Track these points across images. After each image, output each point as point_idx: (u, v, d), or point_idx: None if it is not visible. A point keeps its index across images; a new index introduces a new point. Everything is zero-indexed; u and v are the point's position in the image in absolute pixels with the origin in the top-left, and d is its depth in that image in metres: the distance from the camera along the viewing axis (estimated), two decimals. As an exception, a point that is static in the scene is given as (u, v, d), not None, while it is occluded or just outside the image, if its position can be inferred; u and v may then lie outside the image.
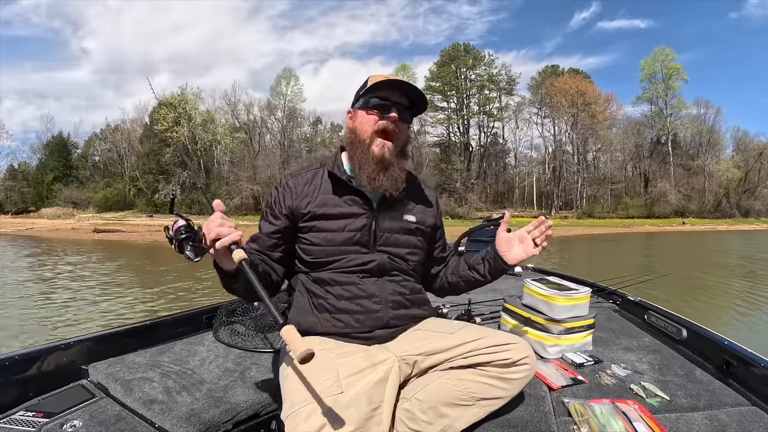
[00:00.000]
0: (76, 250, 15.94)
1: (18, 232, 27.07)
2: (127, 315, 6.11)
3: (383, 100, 1.22)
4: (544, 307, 1.72)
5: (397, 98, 1.23)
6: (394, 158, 1.22)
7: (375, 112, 1.22)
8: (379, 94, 1.22)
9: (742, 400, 1.31)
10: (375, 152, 1.21)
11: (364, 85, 1.27)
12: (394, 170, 1.22)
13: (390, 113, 1.21)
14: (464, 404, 1.11)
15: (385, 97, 1.22)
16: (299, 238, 1.25)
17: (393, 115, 1.21)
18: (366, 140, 1.22)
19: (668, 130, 45.83)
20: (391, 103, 1.22)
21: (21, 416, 1.21)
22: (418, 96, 1.25)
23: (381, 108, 1.22)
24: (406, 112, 1.25)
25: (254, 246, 1.24)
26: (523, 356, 1.13)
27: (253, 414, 1.29)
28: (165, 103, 39.05)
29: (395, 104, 1.22)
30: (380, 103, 1.22)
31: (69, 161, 46.82)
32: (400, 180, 1.24)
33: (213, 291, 7.82)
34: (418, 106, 1.29)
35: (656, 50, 46.48)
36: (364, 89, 1.24)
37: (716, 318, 6.09)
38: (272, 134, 46.00)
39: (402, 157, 1.26)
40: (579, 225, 36.19)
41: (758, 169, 46.35)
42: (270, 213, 1.26)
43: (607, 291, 2.55)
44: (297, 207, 1.23)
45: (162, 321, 1.89)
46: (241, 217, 35.13)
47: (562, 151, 46.16)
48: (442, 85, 46.82)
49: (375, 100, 1.22)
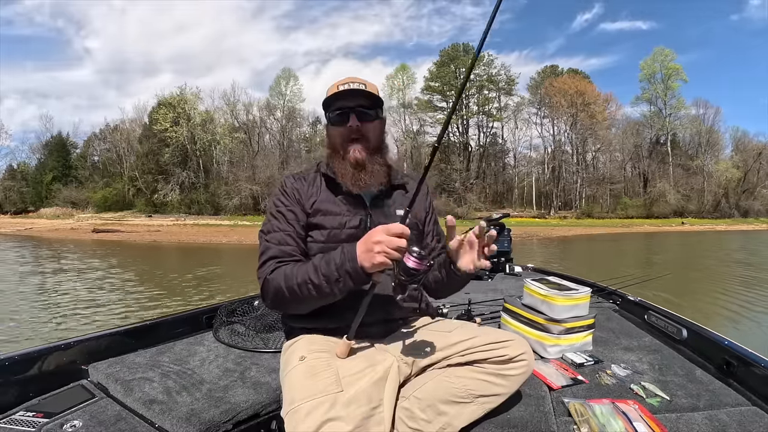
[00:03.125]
0: (75, 250, 15.93)
1: (17, 232, 27.04)
2: (127, 315, 6.10)
3: (341, 111, 1.26)
4: (544, 307, 1.72)
5: (355, 102, 1.25)
6: (367, 157, 1.26)
7: (338, 124, 1.26)
8: (336, 106, 1.26)
9: (742, 400, 1.31)
10: (349, 158, 1.25)
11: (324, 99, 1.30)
12: (372, 167, 1.26)
13: (349, 122, 1.25)
14: (463, 401, 1.11)
15: (341, 107, 1.25)
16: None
17: (352, 124, 1.25)
18: (339, 152, 1.27)
19: (667, 130, 45.88)
20: (349, 109, 1.25)
21: (21, 416, 1.21)
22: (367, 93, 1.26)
23: (341, 119, 1.26)
24: (368, 111, 1.28)
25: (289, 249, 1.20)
26: (520, 353, 1.13)
27: (253, 414, 1.29)
28: (164, 103, 39.06)
29: (352, 109, 1.25)
30: (338, 115, 1.26)
31: (68, 161, 46.78)
32: (382, 173, 1.28)
33: (213, 291, 7.83)
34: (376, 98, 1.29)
35: (655, 50, 46.58)
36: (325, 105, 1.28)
37: (716, 318, 6.10)
38: (271, 134, 45.98)
39: (377, 153, 1.29)
40: (578, 225, 36.24)
41: (757, 169, 46.42)
42: (287, 211, 1.25)
43: (607, 291, 2.55)
44: (304, 206, 1.25)
45: (162, 321, 1.89)
46: (241, 217, 35.17)
47: (561, 151, 46.18)
48: (441, 85, 46.81)
49: (334, 113, 1.27)
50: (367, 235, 1.05)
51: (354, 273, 1.04)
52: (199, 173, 40.41)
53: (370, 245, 1.01)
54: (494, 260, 3.46)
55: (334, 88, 1.25)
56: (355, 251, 1.05)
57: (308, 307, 1.14)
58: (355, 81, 1.26)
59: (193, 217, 35.66)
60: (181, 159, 39.98)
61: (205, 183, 40.17)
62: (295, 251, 1.20)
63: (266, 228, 1.24)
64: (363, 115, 1.26)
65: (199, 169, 40.46)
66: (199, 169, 40.50)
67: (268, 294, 1.15)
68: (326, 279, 1.06)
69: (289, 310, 1.21)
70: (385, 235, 1.00)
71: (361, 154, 1.24)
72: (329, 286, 1.06)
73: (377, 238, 1.00)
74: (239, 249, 18.01)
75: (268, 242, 1.21)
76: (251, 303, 2.17)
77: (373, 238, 1.01)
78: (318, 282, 1.07)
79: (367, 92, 1.24)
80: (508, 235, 3.54)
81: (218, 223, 32.63)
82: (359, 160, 1.24)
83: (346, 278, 1.05)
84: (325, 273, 1.06)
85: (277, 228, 1.23)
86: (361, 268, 1.03)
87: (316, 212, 1.24)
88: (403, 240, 0.99)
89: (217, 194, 38.67)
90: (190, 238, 22.62)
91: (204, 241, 21.36)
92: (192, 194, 39.24)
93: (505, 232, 3.49)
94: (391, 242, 0.99)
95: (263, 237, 1.23)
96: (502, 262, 3.46)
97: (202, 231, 26.83)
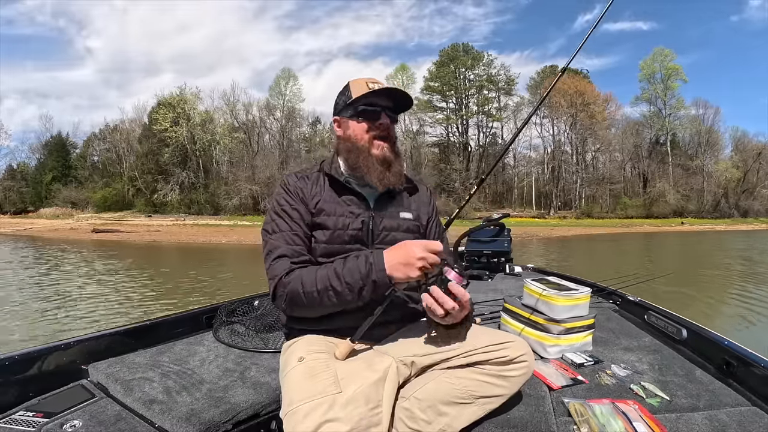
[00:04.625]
0: (75, 250, 15.92)
1: (17, 232, 27.03)
2: (127, 315, 6.10)
3: (372, 107, 1.26)
4: (544, 307, 1.72)
5: (385, 102, 1.27)
6: (393, 156, 1.28)
7: (366, 120, 1.27)
8: (366, 101, 1.26)
9: (742, 400, 1.31)
10: (377, 154, 1.25)
11: (346, 93, 1.29)
12: (396, 167, 1.28)
13: (380, 119, 1.26)
14: (463, 402, 1.11)
15: (373, 104, 1.26)
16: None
17: (383, 121, 1.26)
18: (365, 146, 1.26)
19: (667, 130, 45.90)
20: (380, 108, 1.26)
21: (21, 416, 1.20)
22: (403, 96, 1.29)
23: (371, 115, 1.26)
24: (393, 114, 1.30)
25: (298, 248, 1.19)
26: (520, 354, 1.14)
27: (253, 414, 1.29)
28: (164, 103, 39.05)
29: (383, 109, 1.27)
30: (370, 110, 1.26)
31: (68, 161, 46.78)
32: (402, 174, 1.31)
33: (212, 290, 7.83)
34: (401, 106, 1.32)
35: (655, 50, 46.63)
36: (351, 99, 1.26)
37: (716, 318, 6.10)
38: (271, 134, 45.98)
39: (398, 156, 1.31)
40: (578, 225, 36.24)
41: (757, 169, 46.44)
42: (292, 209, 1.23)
43: (607, 291, 2.55)
44: (308, 204, 1.25)
45: (162, 321, 1.89)
46: (240, 217, 35.15)
47: (561, 152, 46.21)
48: (441, 85, 46.86)
49: (363, 107, 1.26)
50: (402, 248, 1.07)
51: (382, 283, 1.05)
52: (199, 173, 40.41)
53: (412, 260, 1.04)
54: (494, 260, 3.46)
55: (364, 85, 1.25)
56: (383, 261, 1.06)
57: (325, 311, 1.14)
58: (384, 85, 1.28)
59: (193, 217, 35.65)
60: (181, 159, 39.98)
61: (205, 183, 40.17)
62: (304, 251, 1.19)
63: (270, 227, 1.22)
64: (391, 117, 1.29)
65: (198, 169, 40.46)
66: (199, 169, 40.50)
67: (283, 297, 1.13)
68: (349, 287, 1.07)
69: (302, 314, 1.18)
70: (426, 251, 1.04)
71: (389, 153, 1.26)
72: (352, 294, 1.07)
73: (420, 254, 1.03)
74: (239, 249, 18.01)
75: (275, 241, 1.19)
76: (251, 303, 2.17)
77: (415, 253, 1.04)
78: (341, 290, 1.07)
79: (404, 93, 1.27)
80: (508, 236, 3.54)
81: (218, 223, 32.61)
82: (387, 158, 1.26)
83: (371, 288, 1.06)
84: (349, 281, 1.07)
85: (283, 227, 1.21)
86: (389, 278, 1.05)
87: (319, 212, 1.24)
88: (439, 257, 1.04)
89: (217, 194, 38.66)
90: (190, 238, 22.61)
91: (204, 241, 21.35)
92: (192, 194, 39.23)
93: (505, 232, 3.49)
94: (432, 259, 1.04)
95: (268, 236, 1.21)
96: (502, 262, 3.46)
97: (201, 231, 26.82)
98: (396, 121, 1.31)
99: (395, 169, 1.27)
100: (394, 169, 1.27)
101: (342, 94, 1.31)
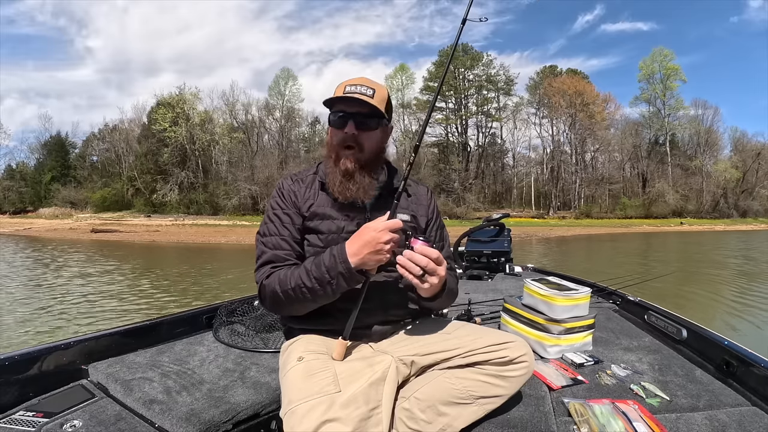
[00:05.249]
0: (74, 250, 15.90)
1: (16, 232, 27.00)
2: (127, 315, 6.10)
3: (339, 114, 1.21)
4: (544, 307, 1.72)
5: (356, 108, 1.19)
6: (357, 168, 1.20)
7: (335, 127, 1.23)
8: (336, 108, 1.22)
9: (742, 401, 1.31)
10: (340, 166, 1.20)
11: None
12: (362, 179, 1.20)
13: (345, 128, 1.19)
14: (463, 403, 1.11)
15: (341, 110, 1.21)
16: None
17: (348, 130, 1.19)
18: (332, 156, 1.23)
19: (666, 130, 46.00)
20: (348, 115, 1.19)
21: (21, 416, 1.20)
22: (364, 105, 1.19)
23: (338, 122, 1.21)
24: (370, 119, 1.21)
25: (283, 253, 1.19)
26: (520, 354, 1.13)
27: (253, 414, 1.29)
28: (163, 103, 39.01)
29: (352, 115, 1.19)
30: (337, 118, 1.22)
31: (67, 161, 46.77)
32: (370, 188, 1.22)
33: (211, 290, 7.82)
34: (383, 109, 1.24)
35: (654, 51, 46.72)
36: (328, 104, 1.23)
37: (716, 318, 6.10)
38: (270, 134, 45.99)
39: (371, 166, 1.23)
40: (577, 225, 36.29)
41: (756, 170, 46.51)
42: (283, 214, 1.23)
43: (607, 291, 2.55)
44: (301, 208, 1.24)
45: (162, 321, 1.88)
46: (239, 217, 35.14)
47: (560, 152, 46.28)
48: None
49: (333, 115, 1.23)
50: (364, 234, 1.06)
51: (348, 274, 1.06)
52: (198, 173, 40.39)
53: (379, 246, 1.04)
54: (494, 260, 3.46)
55: (340, 89, 1.20)
56: (345, 252, 1.06)
57: (306, 308, 1.15)
58: (363, 84, 1.19)
59: (192, 217, 35.64)
60: (180, 159, 39.95)
61: (204, 183, 40.15)
62: (289, 255, 1.20)
63: (263, 230, 1.25)
64: (361, 123, 1.20)
65: (197, 169, 40.44)
66: (198, 169, 40.48)
67: (266, 298, 1.17)
68: (318, 282, 1.08)
69: (289, 313, 1.21)
70: (390, 233, 1.04)
71: (351, 164, 1.19)
72: (322, 288, 1.08)
73: (386, 237, 1.04)
74: (238, 249, 18.00)
75: (264, 245, 1.22)
76: (251, 303, 2.17)
77: (380, 238, 1.04)
78: (311, 285, 1.08)
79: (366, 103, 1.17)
80: (508, 236, 3.54)
81: (217, 223, 32.62)
82: (348, 170, 1.19)
83: (339, 279, 1.07)
84: (316, 276, 1.08)
85: (272, 232, 1.23)
86: (358, 267, 1.06)
87: (312, 216, 1.23)
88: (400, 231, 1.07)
89: (216, 194, 38.65)
90: (189, 238, 22.61)
91: (203, 241, 21.35)
92: (191, 194, 39.20)
93: (505, 232, 3.49)
94: (396, 237, 1.05)
95: (260, 240, 1.24)
96: (502, 262, 3.46)
97: (200, 231, 26.82)
98: (374, 127, 1.22)
99: (359, 182, 1.20)
100: (357, 182, 1.20)
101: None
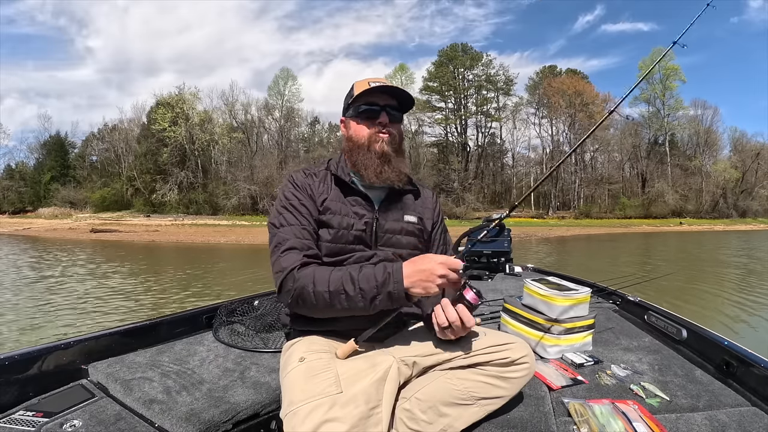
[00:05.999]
0: (73, 250, 15.88)
1: (15, 231, 26.97)
2: (126, 315, 6.09)
3: (371, 106, 1.26)
4: (544, 307, 1.72)
5: (385, 101, 1.27)
6: (392, 152, 1.27)
7: (366, 119, 1.27)
8: (366, 101, 1.26)
9: (742, 401, 1.31)
10: (375, 149, 1.25)
11: (350, 93, 1.30)
12: (395, 163, 1.27)
13: (380, 118, 1.26)
14: (464, 403, 1.11)
15: (373, 103, 1.26)
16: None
17: (382, 120, 1.26)
18: (365, 144, 1.26)
19: (665, 130, 45.98)
20: (380, 107, 1.26)
21: (21, 416, 1.20)
22: (403, 94, 1.29)
23: (371, 114, 1.26)
24: (396, 112, 1.30)
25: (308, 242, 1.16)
26: (521, 355, 1.14)
27: (252, 414, 1.29)
28: (162, 103, 38.97)
29: (383, 107, 1.26)
30: (369, 109, 1.26)
31: (66, 161, 46.70)
32: (404, 173, 1.29)
33: (211, 290, 7.82)
34: (406, 104, 1.32)
35: (654, 50, 46.44)
36: (352, 98, 1.28)
37: (716, 318, 6.10)
38: (270, 134, 45.93)
39: (400, 154, 1.30)
40: (576, 225, 36.28)
41: (755, 170, 46.54)
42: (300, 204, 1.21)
43: (607, 291, 2.55)
44: (316, 201, 1.24)
45: (162, 321, 1.88)
46: (239, 217, 35.12)
47: (560, 152, 46.21)
48: (439, 85, 46.86)
49: (364, 107, 1.26)
50: (423, 263, 1.04)
51: (397, 295, 1.03)
52: (198, 173, 40.33)
53: (432, 276, 1.01)
54: (494, 260, 3.46)
55: (365, 84, 1.26)
56: (401, 274, 1.04)
57: (331, 314, 1.11)
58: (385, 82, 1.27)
59: (192, 217, 35.58)
60: (180, 159, 39.90)
61: (204, 183, 40.10)
62: (313, 246, 1.17)
63: (278, 221, 1.18)
64: (392, 115, 1.28)
65: (197, 169, 40.38)
66: (198, 169, 40.42)
67: (291, 292, 1.08)
68: (362, 294, 1.04)
69: (308, 313, 1.14)
70: (447, 269, 1.02)
71: (388, 147, 1.25)
72: (364, 301, 1.04)
73: (441, 271, 1.01)
74: (237, 249, 17.99)
75: (284, 234, 1.15)
76: (251, 303, 2.17)
77: (436, 270, 1.01)
78: (353, 294, 1.04)
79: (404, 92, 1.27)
80: (508, 236, 3.54)
81: (216, 223, 32.59)
82: (386, 152, 1.25)
83: (385, 298, 1.04)
84: (363, 287, 1.04)
85: (292, 221, 1.18)
86: (405, 291, 1.03)
87: (325, 210, 1.22)
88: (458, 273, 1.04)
89: (216, 194, 38.60)
90: (189, 238, 22.58)
91: (202, 241, 21.33)
92: (190, 194, 39.15)
93: (505, 232, 3.49)
94: (452, 277, 1.02)
95: (276, 230, 1.18)
96: (502, 262, 3.46)
97: (200, 231, 26.79)
98: (399, 120, 1.31)
99: (395, 165, 1.26)
100: (393, 165, 1.26)
101: (347, 95, 1.32)
